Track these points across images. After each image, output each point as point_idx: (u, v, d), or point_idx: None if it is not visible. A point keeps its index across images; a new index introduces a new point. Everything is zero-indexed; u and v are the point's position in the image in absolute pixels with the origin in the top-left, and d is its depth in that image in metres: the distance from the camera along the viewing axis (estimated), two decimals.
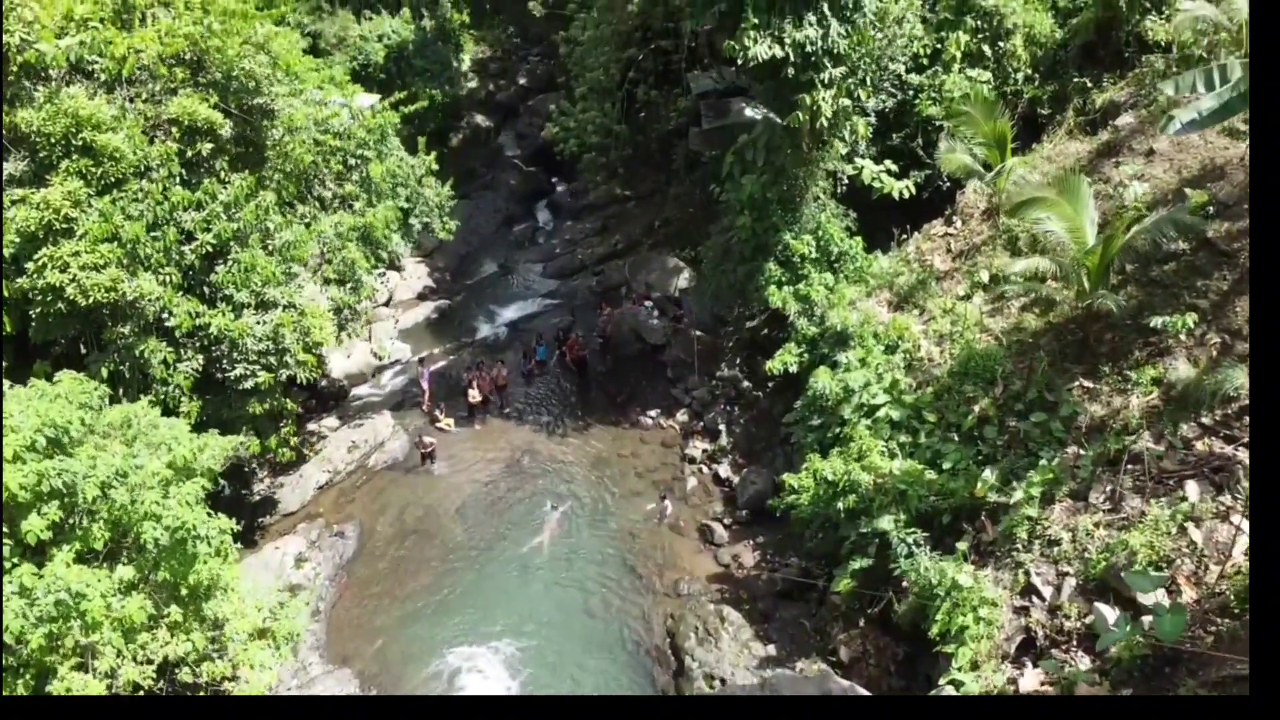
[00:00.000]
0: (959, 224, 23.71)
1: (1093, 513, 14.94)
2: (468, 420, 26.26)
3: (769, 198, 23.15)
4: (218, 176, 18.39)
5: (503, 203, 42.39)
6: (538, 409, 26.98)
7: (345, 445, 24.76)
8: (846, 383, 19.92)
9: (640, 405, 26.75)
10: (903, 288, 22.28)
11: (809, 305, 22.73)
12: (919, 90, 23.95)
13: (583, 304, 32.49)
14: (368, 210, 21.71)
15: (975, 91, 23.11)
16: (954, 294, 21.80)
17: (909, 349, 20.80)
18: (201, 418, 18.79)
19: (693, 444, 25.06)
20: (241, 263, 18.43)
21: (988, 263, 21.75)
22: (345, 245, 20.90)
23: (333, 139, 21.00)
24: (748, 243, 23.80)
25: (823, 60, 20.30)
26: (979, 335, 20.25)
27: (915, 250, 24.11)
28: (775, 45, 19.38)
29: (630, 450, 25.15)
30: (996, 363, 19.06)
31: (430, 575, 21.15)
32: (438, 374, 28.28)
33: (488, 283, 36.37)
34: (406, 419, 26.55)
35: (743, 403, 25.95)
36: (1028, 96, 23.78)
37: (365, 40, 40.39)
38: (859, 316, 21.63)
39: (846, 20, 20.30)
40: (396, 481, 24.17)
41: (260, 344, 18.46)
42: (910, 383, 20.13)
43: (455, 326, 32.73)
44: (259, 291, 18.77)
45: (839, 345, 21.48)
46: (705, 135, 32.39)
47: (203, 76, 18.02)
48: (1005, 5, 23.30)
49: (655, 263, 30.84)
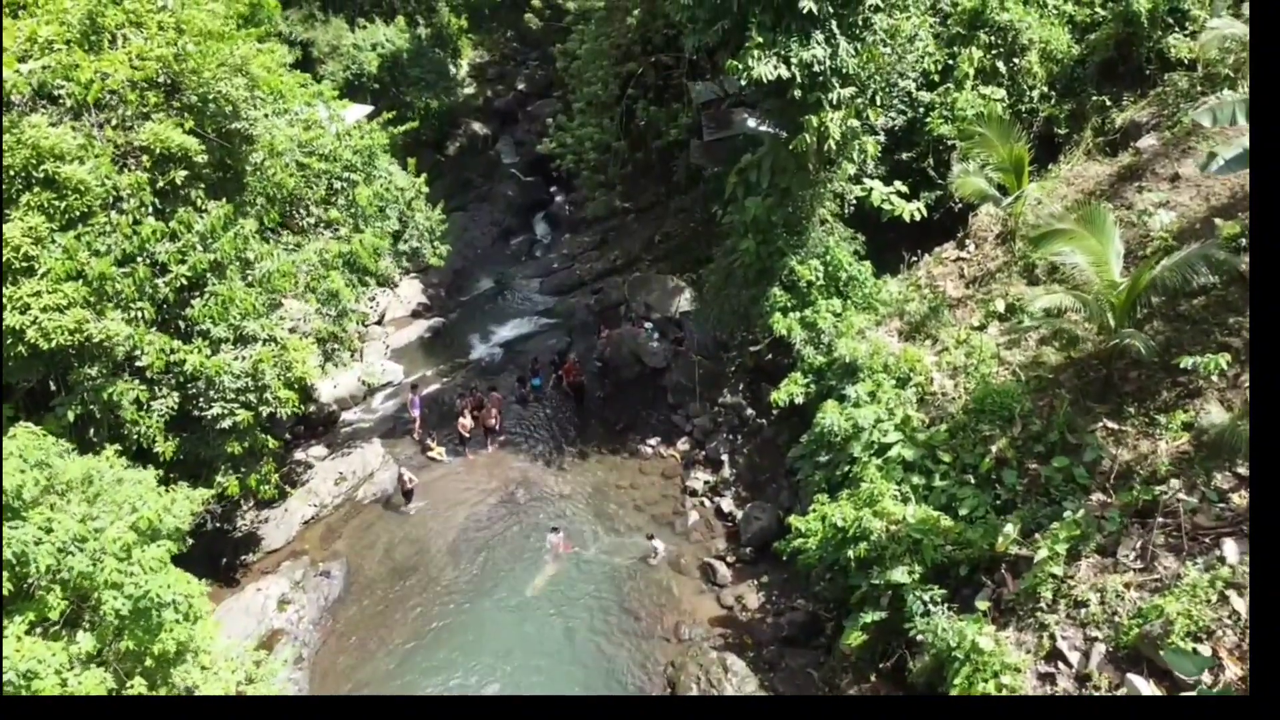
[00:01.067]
0: (972, 248, 22.77)
1: (1122, 571, 13.98)
2: (460, 449, 25.28)
3: (774, 221, 22.20)
4: (194, 205, 17.46)
5: (499, 215, 41.41)
6: (533, 436, 26.02)
7: (333, 477, 23.81)
8: (856, 419, 18.96)
9: (640, 433, 25.79)
10: (914, 316, 21.32)
11: (816, 333, 21.77)
12: (930, 108, 23.00)
13: (580, 324, 31.52)
14: (354, 236, 20.75)
15: (989, 110, 22.17)
16: (968, 324, 20.85)
17: (921, 382, 19.85)
18: (178, 456, 17.92)
19: (694, 475, 24.10)
20: (219, 296, 17.49)
21: (1003, 291, 20.80)
22: (330, 274, 19.94)
23: (317, 162, 20.06)
24: (751, 267, 22.85)
25: (830, 80, 19.35)
26: (995, 369, 19.31)
27: (926, 275, 23.17)
28: (781, 65, 18.41)
29: (629, 481, 24.19)
30: (1014, 400, 18.10)
31: (420, 618, 20.20)
32: (429, 399, 27.34)
33: (483, 299, 35.41)
34: (397, 447, 25.59)
35: (746, 431, 24.99)
36: (1044, 115, 22.82)
37: (359, 49, 39.42)
38: (868, 347, 20.66)
39: (856, 39, 19.35)
40: (385, 516, 23.22)
41: (238, 381, 17.54)
42: (923, 419, 19.18)
43: (449, 346, 31.77)
44: (238, 325, 17.84)
45: (847, 377, 20.53)
46: (707, 148, 31.50)
47: (177, 100, 17.07)
48: (1020, 20, 22.33)
49: (655, 283, 29.89)
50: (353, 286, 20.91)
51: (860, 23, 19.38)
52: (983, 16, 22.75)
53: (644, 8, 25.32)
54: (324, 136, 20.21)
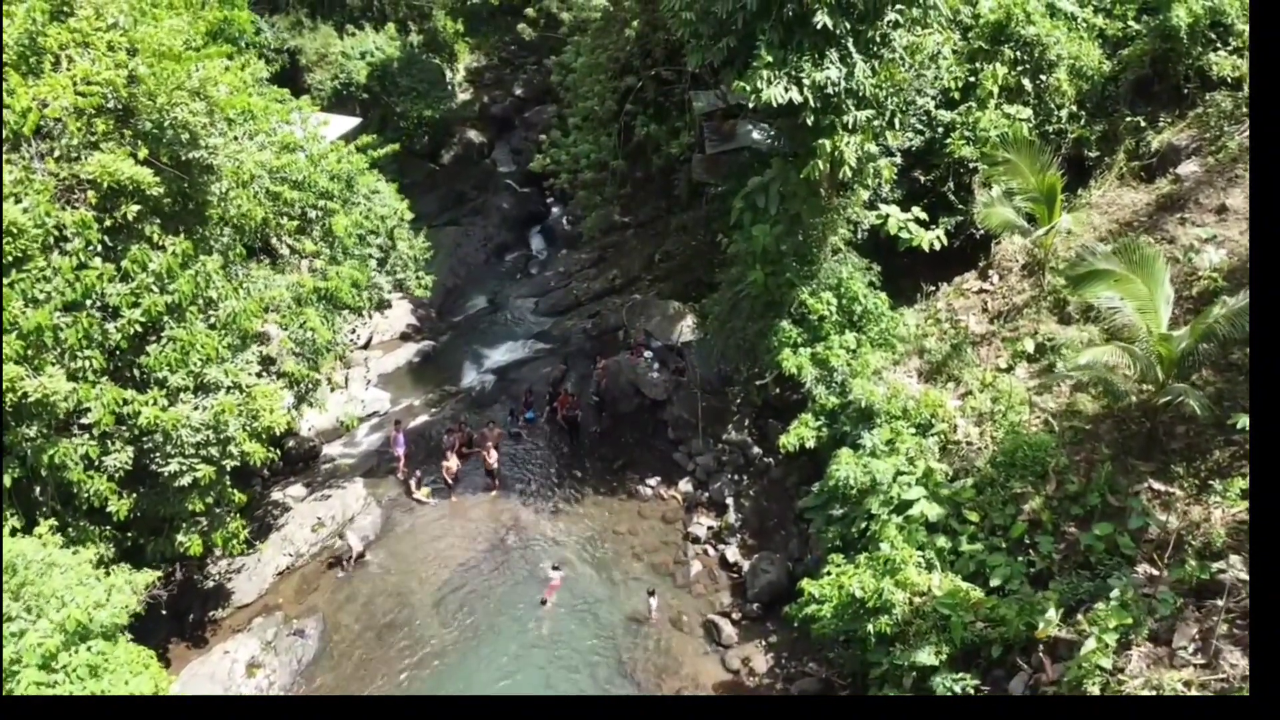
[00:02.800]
0: (995, 279, 21.20)
1: (1180, 666, 12.44)
2: (446, 491, 23.71)
3: (783, 250, 20.63)
4: (149, 241, 15.87)
5: (494, 229, 39.85)
6: (525, 476, 24.45)
7: (310, 522, 22.25)
8: (874, 473, 17.39)
9: (639, 471, 24.23)
10: (935, 356, 19.77)
11: (828, 372, 20.20)
12: (950, 128, 21.42)
13: (576, 349, 29.98)
14: (331, 269, 19.19)
15: (1014, 131, 20.59)
16: (993, 364, 19.31)
17: (944, 430, 18.31)
18: (135, 513, 16.41)
19: (696, 519, 22.54)
20: (177, 341, 15.95)
21: (1032, 329, 19.25)
22: (304, 311, 18.40)
23: (290, 189, 18.49)
24: (759, 299, 21.29)
25: (846, 102, 17.77)
26: (1025, 417, 17.76)
27: (945, 307, 21.62)
28: (793, 88, 16.84)
29: (627, 526, 22.64)
30: (1048, 454, 16.58)
31: (401, 682, 18.66)
32: (416, 433, 25.81)
33: (476, 320, 33.87)
34: (380, 487, 24.02)
35: (752, 471, 23.45)
36: (1073, 136, 21.22)
37: (347, 58, 37.92)
38: (886, 390, 19.11)
39: (873, 57, 17.77)
40: (366, 564, 21.65)
41: (198, 435, 15.96)
42: (946, 470, 17.64)
43: (439, 372, 30.23)
44: (198, 372, 16.28)
45: (863, 422, 18.97)
46: (709, 162, 29.85)
47: (129, 128, 15.50)
48: (1048, 34, 20.74)
49: (655, 308, 28.34)
50: (330, 321, 19.37)
51: (879, 39, 17.81)
52: (1007, 30, 21.16)
53: (643, 19, 23.77)
54: (298, 161, 18.63)
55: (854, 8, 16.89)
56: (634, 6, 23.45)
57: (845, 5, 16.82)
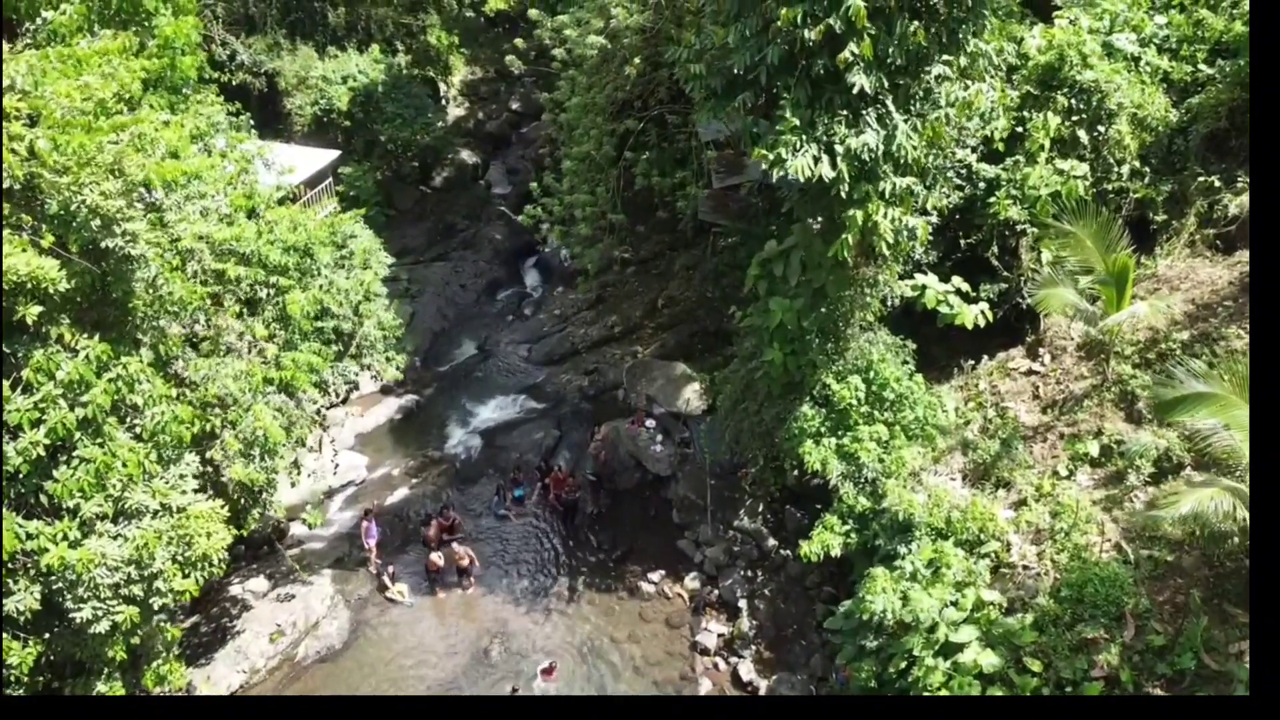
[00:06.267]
0: (1047, 359, 18.65)
1: None
2: (428, 586, 21.12)
3: (805, 327, 18.07)
4: (60, 344, 13.34)
5: (485, 264, 37.19)
6: (513, 569, 21.83)
7: (268, 629, 19.68)
8: (915, 608, 14.81)
9: (640, 562, 21.64)
10: (982, 455, 17.19)
11: (856, 467, 17.65)
12: (995, 184, 18.82)
13: (571, 411, 27.37)
14: (286, 355, 16.62)
15: (1068, 189, 17.98)
16: (1049, 466, 16.73)
17: (996, 549, 15.74)
18: (46, 657, 13.92)
19: (705, 624, 19.99)
20: (92, 461, 13.39)
21: (1094, 425, 16.69)
22: (253, 407, 15.84)
23: (235, 266, 15.92)
24: (776, 379, 18.73)
25: (883, 168, 15.20)
26: (1093, 538, 15.19)
27: (989, 389, 19.06)
28: (824, 157, 14.25)
29: (627, 632, 20.05)
30: (1124, 591, 14.02)
31: None
32: (392, 513, 23.25)
33: (464, 369, 31.20)
34: (350, 583, 21.40)
35: (767, 566, 20.89)
36: (1136, 196, 18.61)
37: (328, 82, 35.26)
38: (925, 497, 16.55)
39: (916, 115, 15.19)
40: (332, 680, 19.09)
41: (116, 575, 13.42)
42: (1000, 600, 15.06)
43: (421, 433, 27.62)
44: (118, 496, 13.75)
45: (899, 535, 16.42)
46: (716, 200, 27.26)
47: (30, 212, 12.96)
48: (1107, 80, 18.13)
49: (658, 370, 25.72)
50: (285, 415, 16.84)
51: (921, 94, 15.23)
52: (1060, 75, 18.55)
53: (644, 55, 21.16)
54: (245, 233, 16.05)
55: (894, 62, 14.29)
56: (635, 43, 20.84)
57: (883, 59, 14.23)
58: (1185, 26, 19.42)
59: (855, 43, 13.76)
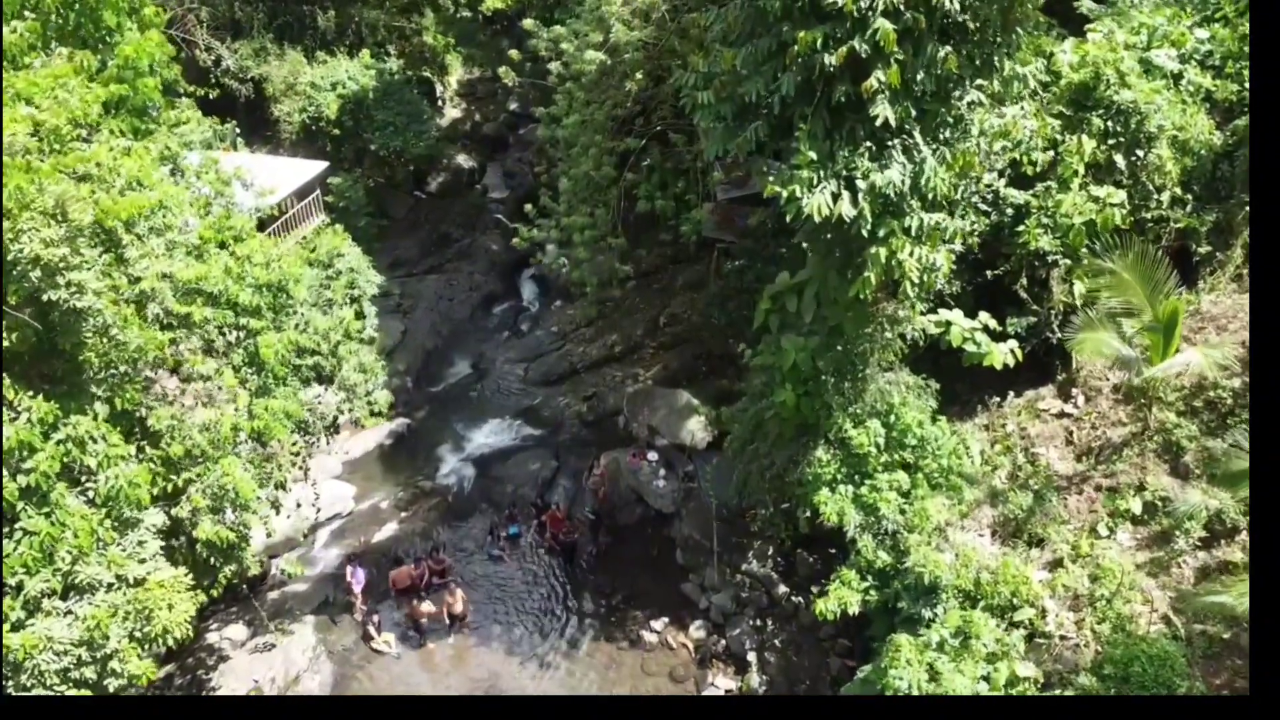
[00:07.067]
0: (1080, 401, 17.34)
1: None
2: (416, 636, 19.85)
3: (819, 367, 16.77)
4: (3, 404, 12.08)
5: (481, 276, 35.87)
6: (507, 615, 20.57)
7: (246, 684, 18.46)
8: (944, 685, 13.55)
9: (642, 607, 20.40)
10: (1015, 509, 15.90)
11: (876, 519, 16.37)
12: (1024, 211, 17.48)
13: (570, 439, 26.09)
14: (259, 402, 15.33)
15: (1104, 219, 16.63)
16: (1088, 523, 15.45)
17: (1031, 616, 14.46)
18: None
19: (712, 679, 18.77)
20: (37, 534, 12.15)
21: (1135, 478, 15.41)
22: (221, 461, 14.56)
23: (201, 308, 14.61)
24: (789, 422, 17.45)
25: (909, 202, 13.88)
26: (1137, 607, 13.92)
27: (1016, 430, 17.76)
28: (845, 195, 12.94)
29: (629, 687, 18.83)
30: (1175, 673, 12.74)
31: None
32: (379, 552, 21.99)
33: (458, 390, 29.94)
34: (333, 632, 20.14)
35: (777, 614, 19.63)
36: (1178, 226, 17.27)
37: (316, 89, 33.88)
38: (953, 556, 15.27)
39: (946, 145, 13.85)
40: None
41: (64, 659, 12.17)
42: (1036, 676, 13.81)
43: (412, 460, 26.34)
44: (68, 570, 12.50)
45: (924, 598, 15.14)
46: (722, 215, 25.96)
47: None
48: (1147, 101, 16.78)
49: (660, 398, 24.38)
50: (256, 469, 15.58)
51: (952, 121, 13.89)
52: (1095, 95, 17.20)
53: (646, 70, 19.82)
54: (212, 271, 14.73)
55: (923, 90, 12.96)
56: (636, 58, 19.47)
57: (910, 87, 12.90)
58: (1230, 41, 18.03)
59: (881, 69, 12.44)
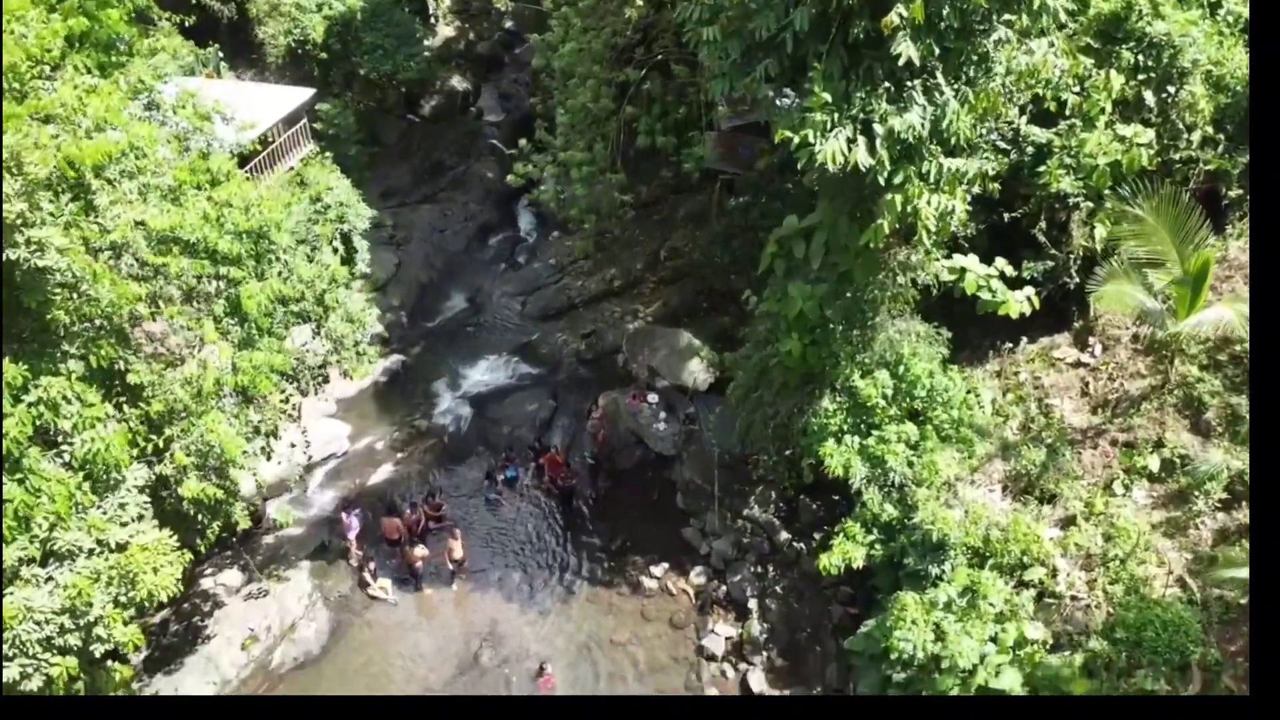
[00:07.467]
0: (1098, 350, 16.73)
1: None
2: (413, 581, 19.61)
3: (827, 316, 16.11)
4: None
5: (476, 206, 34.77)
6: (505, 560, 20.30)
7: (240, 633, 18.25)
8: (951, 650, 13.26)
9: (642, 553, 20.11)
10: (1027, 465, 15.41)
11: (883, 471, 15.93)
12: (1045, 151, 16.57)
13: (568, 378, 25.52)
14: (243, 355, 14.67)
15: (1130, 159, 15.73)
16: (1102, 479, 14.98)
17: (1042, 576, 14.10)
18: None
19: (712, 625, 18.57)
20: (10, 501, 11.65)
21: (1153, 433, 14.91)
22: (204, 417, 14.00)
23: (178, 258, 13.85)
24: (794, 370, 16.87)
25: (929, 147, 13.02)
26: (1152, 569, 13.54)
27: (1029, 378, 17.19)
28: (863, 138, 12.08)
29: (629, 633, 18.64)
30: (1190, 639, 12.42)
31: None
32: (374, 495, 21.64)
33: (454, 324, 29.25)
34: (330, 577, 19.87)
35: (779, 561, 19.34)
36: (1207, 167, 16.38)
37: (301, 10, 32.31)
38: (962, 513, 14.85)
39: (970, 84, 12.92)
40: (309, 691, 17.68)
41: (45, 628, 11.80)
42: (1045, 637, 13.52)
43: (407, 398, 25.77)
44: (45, 538, 12.04)
45: (931, 555, 14.77)
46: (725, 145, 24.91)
47: None
48: (1181, 33, 15.74)
49: (661, 338, 23.71)
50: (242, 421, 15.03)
51: (977, 59, 12.93)
52: (1125, 26, 16.13)
53: None
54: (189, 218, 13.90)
55: (948, 25, 11.99)
56: None
57: (933, 23, 11.91)
58: None
59: (903, 2, 11.46)
